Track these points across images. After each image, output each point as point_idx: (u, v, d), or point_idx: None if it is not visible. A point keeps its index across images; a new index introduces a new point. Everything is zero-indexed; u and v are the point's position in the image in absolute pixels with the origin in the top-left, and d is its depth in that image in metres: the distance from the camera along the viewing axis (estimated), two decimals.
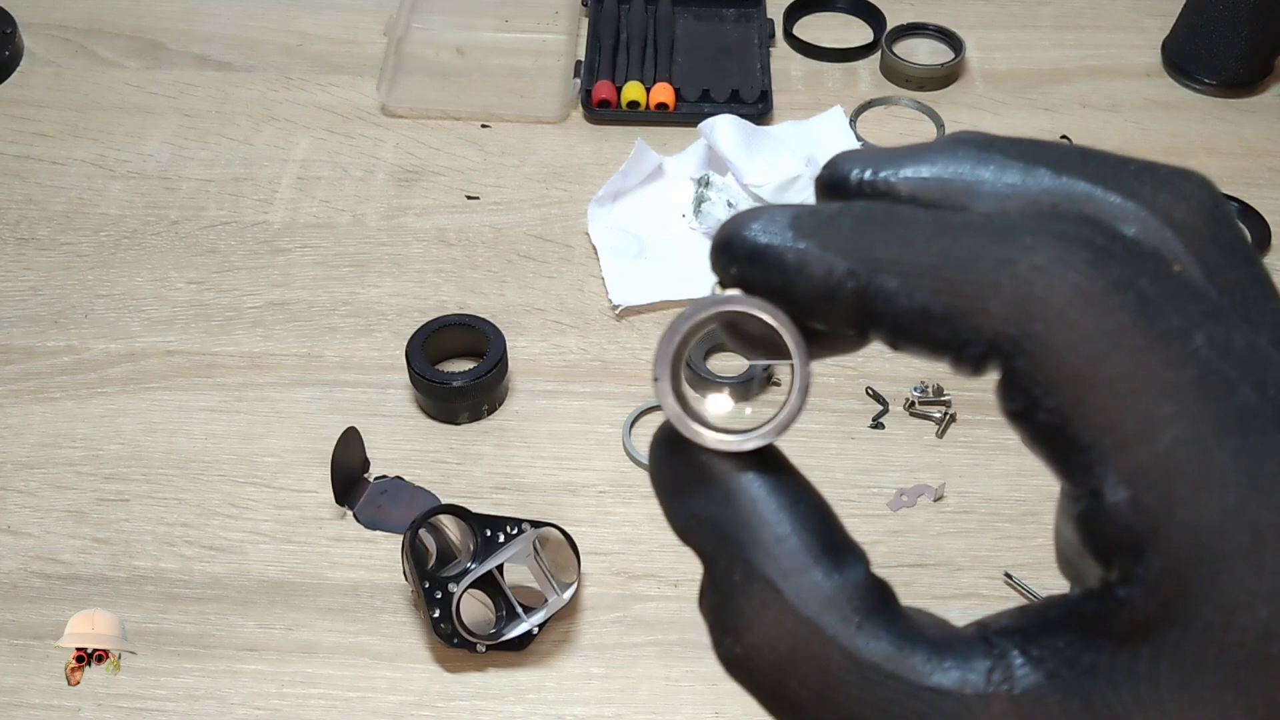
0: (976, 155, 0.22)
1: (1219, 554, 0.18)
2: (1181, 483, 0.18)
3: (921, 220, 0.20)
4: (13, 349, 0.68)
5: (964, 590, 0.58)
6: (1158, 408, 0.18)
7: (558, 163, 0.80)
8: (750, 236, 0.21)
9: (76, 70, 0.87)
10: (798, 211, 0.21)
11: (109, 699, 0.54)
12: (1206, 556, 0.18)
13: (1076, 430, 0.19)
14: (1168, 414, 0.18)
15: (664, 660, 0.55)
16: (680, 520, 0.22)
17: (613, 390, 0.66)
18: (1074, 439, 0.19)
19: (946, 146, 0.22)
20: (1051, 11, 0.92)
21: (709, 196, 0.73)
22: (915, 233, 0.20)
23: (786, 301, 0.21)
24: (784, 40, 0.89)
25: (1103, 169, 0.21)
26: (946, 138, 0.22)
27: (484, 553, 0.53)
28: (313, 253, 0.74)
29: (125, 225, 0.75)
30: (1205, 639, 0.18)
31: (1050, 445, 0.19)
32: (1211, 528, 0.18)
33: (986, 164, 0.22)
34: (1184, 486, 0.18)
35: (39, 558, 0.59)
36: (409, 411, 0.65)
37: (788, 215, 0.21)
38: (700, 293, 0.71)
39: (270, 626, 0.56)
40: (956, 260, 0.19)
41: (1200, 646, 0.18)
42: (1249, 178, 0.79)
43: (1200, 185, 0.22)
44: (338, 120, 0.83)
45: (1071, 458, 0.19)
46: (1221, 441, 0.18)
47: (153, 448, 0.63)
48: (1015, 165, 0.21)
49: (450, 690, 0.54)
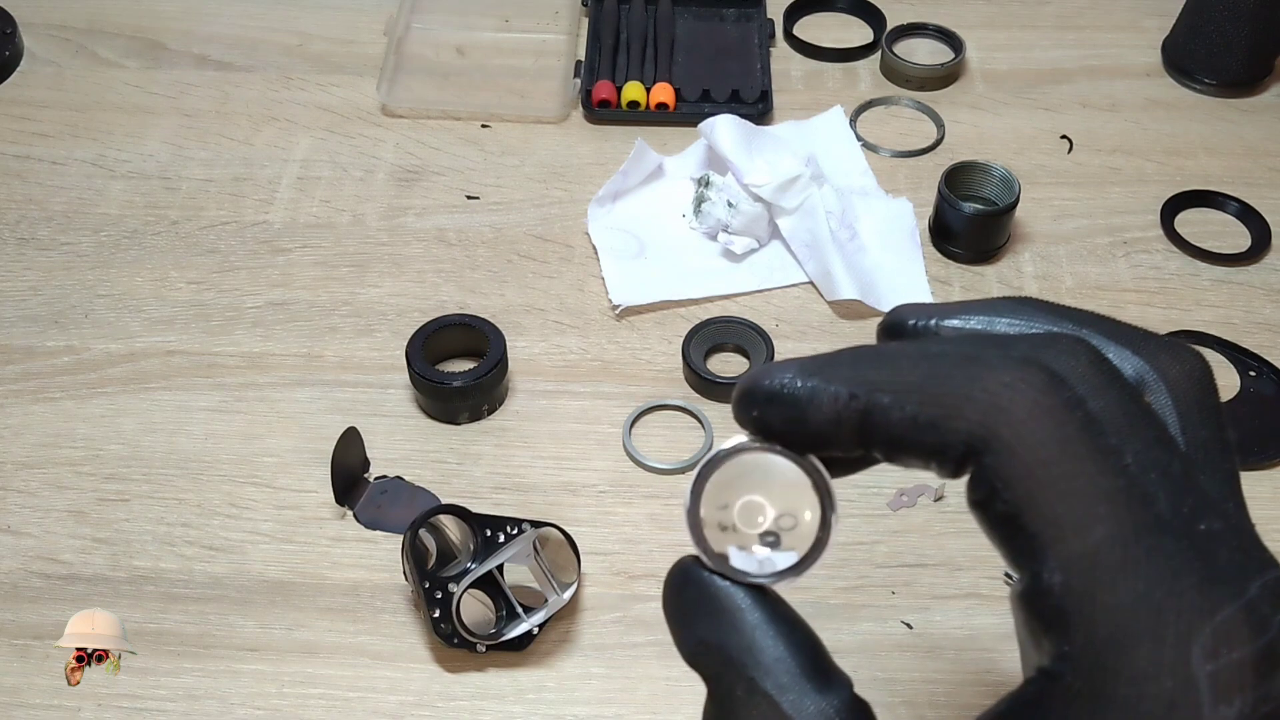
0: (1014, 306, 0.26)
1: (1130, 631, 0.21)
2: (1104, 571, 0.21)
3: (908, 350, 0.25)
4: (13, 349, 0.68)
5: (964, 590, 0.58)
6: (1092, 508, 0.22)
7: (558, 163, 0.80)
8: (766, 383, 0.25)
9: (76, 70, 0.87)
10: (802, 360, 0.25)
11: (109, 699, 0.54)
12: (1120, 634, 0.21)
13: (1026, 520, 0.22)
14: (1099, 514, 0.21)
15: (664, 660, 0.55)
16: (689, 645, 0.25)
17: (613, 390, 0.66)
18: (1023, 527, 0.22)
19: (991, 300, 0.26)
20: (1051, 11, 0.92)
21: (709, 196, 0.73)
22: (902, 360, 0.24)
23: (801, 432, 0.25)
24: (784, 40, 0.89)
25: (1118, 327, 0.26)
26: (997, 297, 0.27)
27: (484, 553, 0.54)
28: (313, 253, 0.74)
29: (125, 225, 0.75)
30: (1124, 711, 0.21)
31: (1003, 532, 0.23)
32: (1125, 609, 0.21)
33: (1018, 313, 0.26)
34: (1106, 574, 0.21)
35: (39, 558, 0.59)
36: (409, 411, 0.65)
37: (795, 364, 0.25)
38: (700, 293, 0.71)
39: (270, 626, 0.56)
40: (936, 379, 0.23)
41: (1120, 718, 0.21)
42: (1249, 178, 0.79)
43: (1196, 355, 0.25)
44: (338, 120, 0.83)
45: (1019, 543, 0.23)
46: (1139, 540, 0.21)
47: (153, 448, 0.63)
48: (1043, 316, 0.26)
49: (450, 690, 0.54)
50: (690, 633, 0.25)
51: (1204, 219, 0.76)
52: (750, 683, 0.24)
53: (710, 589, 0.25)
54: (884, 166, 0.80)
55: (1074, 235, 0.75)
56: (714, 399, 0.65)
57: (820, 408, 0.24)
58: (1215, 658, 0.20)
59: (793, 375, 0.25)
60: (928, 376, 0.23)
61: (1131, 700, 0.21)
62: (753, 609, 0.25)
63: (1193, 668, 0.20)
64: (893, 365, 0.24)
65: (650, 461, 0.62)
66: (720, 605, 0.25)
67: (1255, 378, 0.66)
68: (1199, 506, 0.22)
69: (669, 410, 0.65)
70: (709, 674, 0.25)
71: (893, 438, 0.24)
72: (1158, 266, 0.73)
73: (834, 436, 0.25)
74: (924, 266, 0.73)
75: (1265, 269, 0.73)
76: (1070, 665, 0.22)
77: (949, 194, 0.72)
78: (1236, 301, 0.71)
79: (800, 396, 0.25)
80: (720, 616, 0.25)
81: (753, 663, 0.24)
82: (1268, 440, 0.63)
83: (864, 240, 0.73)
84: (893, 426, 0.24)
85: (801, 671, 0.24)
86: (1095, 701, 0.21)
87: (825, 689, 0.24)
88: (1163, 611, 0.21)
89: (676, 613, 0.26)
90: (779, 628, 0.25)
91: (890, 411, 0.23)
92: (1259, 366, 0.67)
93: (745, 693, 0.24)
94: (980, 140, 0.81)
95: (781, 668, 0.24)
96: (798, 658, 0.24)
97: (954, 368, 0.23)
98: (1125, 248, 0.74)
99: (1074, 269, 0.73)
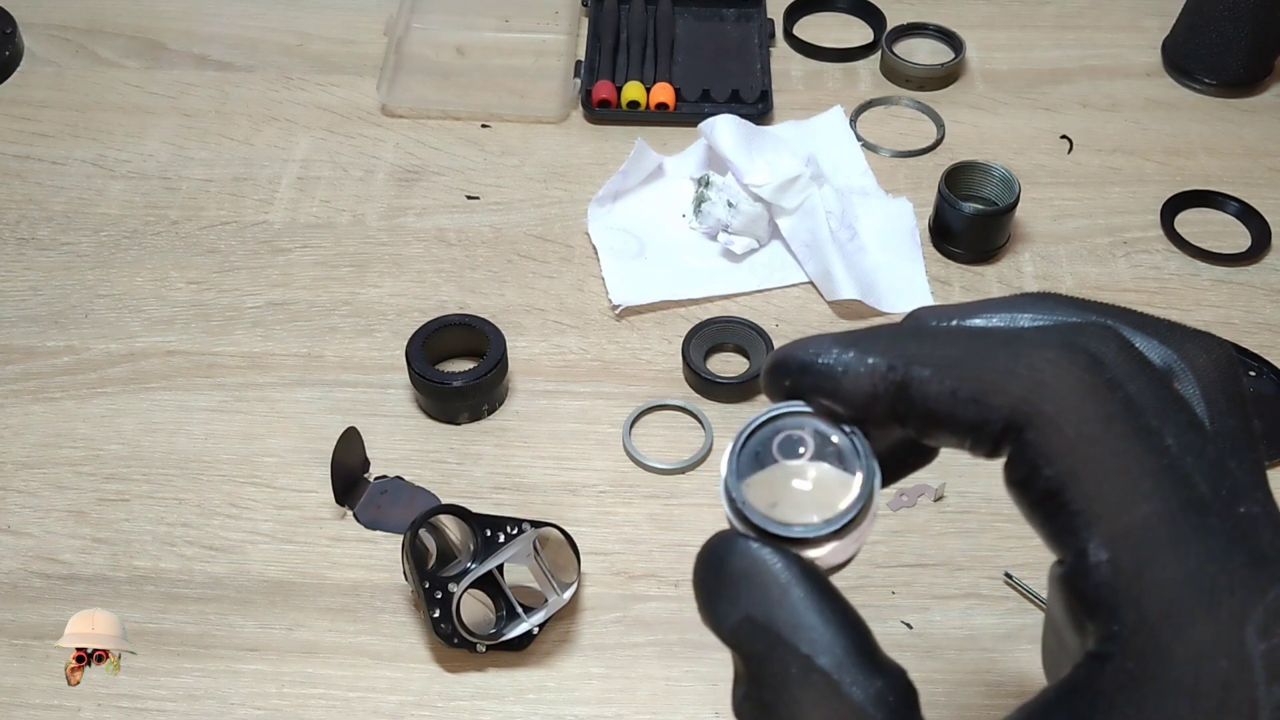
0: (1035, 301, 0.26)
1: (1183, 609, 0.20)
2: (1153, 547, 0.21)
3: (946, 329, 0.25)
4: (13, 349, 0.68)
5: (964, 590, 0.58)
6: (1138, 484, 0.21)
7: (558, 163, 0.80)
8: (801, 354, 0.25)
9: (76, 70, 0.87)
10: (836, 334, 0.25)
11: (109, 699, 0.54)
12: (1173, 611, 0.21)
13: (1069, 496, 0.22)
14: (1145, 490, 0.21)
15: (664, 660, 0.55)
16: (731, 622, 0.24)
17: (613, 390, 0.66)
18: (1065, 505, 0.22)
19: (1011, 298, 0.26)
20: (1052, 11, 0.92)
21: (709, 196, 0.73)
22: (941, 336, 0.24)
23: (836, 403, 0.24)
24: (784, 40, 0.89)
25: (1144, 318, 0.25)
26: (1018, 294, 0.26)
27: (484, 553, 0.53)
28: (313, 253, 0.74)
29: (125, 225, 0.75)
30: (1179, 692, 0.20)
31: (1045, 510, 0.23)
32: (1177, 586, 0.21)
33: (1040, 308, 0.26)
34: (1154, 550, 0.21)
35: (39, 558, 0.59)
36: (409, 411, 0.65)
37: (830, 336, 0.25)
38: (700, 293, 0.71)
39: (270, 626, 0.56)
40: (978, 354, 0.23)
41: (1177, 700, 0.20)
42: (1249, 178, 0.79)
43: (1222, 345, 0.25)
44: (338, 120, 0.83)
45: (1062, 521, 0.22)
46: (1186, 518, 0.21)
47: (153, 448, 0.63)
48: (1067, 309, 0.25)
49: (450, 690, 0.54)
50: (733, 608, 0.24)
51: (1204, 219, 0.76)
52: (806, 661, 0.23)
53: (758, 561, 0.24)
54: (884, 166, 0.80)
55: (1074, 235, 0.75)
56: (714, 399, 0.65)
57: (857, 378, 0.24)
58: (1269, 637, 0.20)
59: (828, 346, 0.24)
60: (969, 352, 0.23)
61: (1187, 681, 0.20)
62: (801, 583, 0.23)
63: (1247, 647, 0.20)
64: (933, 340, 0.24)
65: (650, 461, 0.62)
66: (768, 579, 0.24)
67: (1255, 378, 0.66)
68: (1236, 490, 0.22)
69: (669, 410, 0.65)
70: (753, 652, 0.23)
71: (930, 412, 0.23)
72: (1158, 266, 0.73)
73: (869, 409, 0.24)
74: (924, 266, 0.73)
75: (1265, 269, 0.73)
76: (1120, 646, 0.21)
77: (949, 194, 0.72)
78: (1236, 301, 0.71)
79: (836, 367, 0.24)
80: (768, 591, 0.23)
81: (805, 640, 0.23)
82: (1268, 440, 0.63)
83: (864, 240, 0.73)
84: (931, 400, 0.23)
85: (858, 650, 0.23)
86: (1149, 683, 0.21)
87: (879, 671, 0.23)
88: (1215, 589, 0.20)
89: (716, 587, 0.24)
90: (830, 604, 0.23)
91: (930, 384, 0.23)
92: (1259, 366, 0.67)
93: (801, 670, 0.23)
94: (980, 140, 0.81)
95: (837, 646, 0.23)
96: (852, 636, 0.23)
97: (996, 345, 0.23)
98: (1125, 248, 0.74)
99: (1074, 269, 0.73)
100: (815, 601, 0.23)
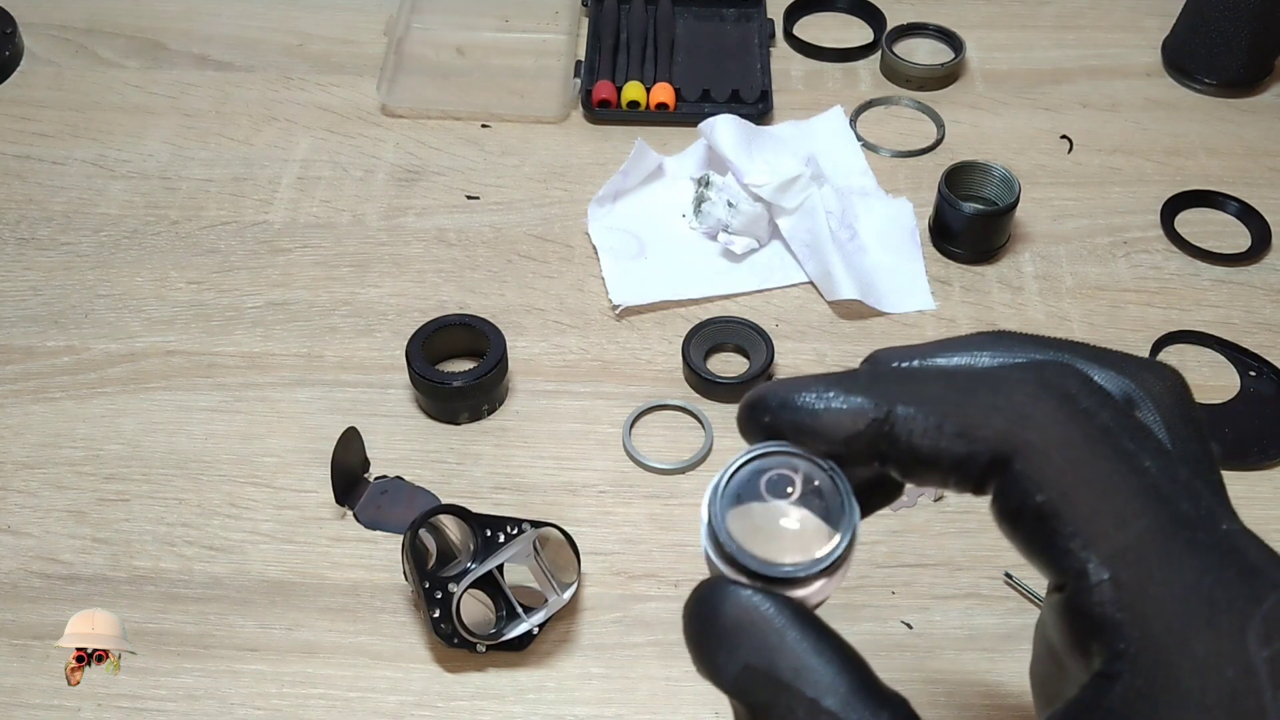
0: (992, 340, 0.27)
1: (1186, 622, 0.21)
2: (1150, 563, 0.21)
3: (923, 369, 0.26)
4: (13, 349, 0.68)
5: (964, 590, 0.58)
6: (1129, 503, 0.22)
7: (558, 163, 0.80)
8: (780, 391, 0.25)
9: (76, 70, 0.87)
10: (814, 375, 0.25)
11: (109, 699, 0.54)
12: (1176, 624, 0.21)
13: (1064, 520, 0.22)
14: (1136, 508, 0.22)
15: (664, 660, 0.55)
16: (730, 672, 0.24)
17: (613, 390, 0.66)
18: (1060, 528, 0.22)
19: (968, 337, 0.27)
20: (1051, 11, 0.92)
21: (709, 196, 0.73)
22: (917, 375, 0.25)
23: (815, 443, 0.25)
24: (784, 40, 0.89)
25: (1098, 351, 0.26)
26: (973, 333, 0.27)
27: (484, 553, 0.53)
28: (313, 253, 0.74)
29: (125, 225, 0.75)
30: (1189, 704, 0.21)
31: (1040, 537, 0.23)
32: (1177, 600, 0.21)
33: (997, 346, 0.26)
34: (1153, 566, 0.21)
35: (39, 558, 0.59)
36: (409, 411, 0.65)
37: (807, 377, 0.25)
38: (700, 293, 0.71)
39: (270, 626, 0.56)
40: (959, 391, 0.24)
41: (1187, 712, 0.21)
42: (1249, 178, 0.79)
43: (1175, 373, 0.26)
44: (338, 120, 0.83)
45: (1059, 544, 0.23)
46: (1177, 534, 0.22)
47: (153, 448, 0.63)
48: (1024, 346, 0.26)
49: (450, 690, 0.54)
50: (731, 658, 0.24)
51: (1204, 219, 0.76)
52: (812, 704, 0.23)
53: (751, 608, 0.24)
54: (884, 166, 0.80)
55: (1074, 235, 0.75)
56: (714, 399, 0.65)
57: (839, 416, 0.24)
58: (1270, 643, 0.20)
59: (806, 385, 0.25)
60: (949, 389, 0.24)
61: (1195, 692, 0.21)
62: (796, 626, 0.24)
63: (1251, 655, 0.20)
64: (910, 380, 0.25)
65: (650, 461, 0.62)
66: (764, 626, 0.24)
67: (1255, 378, 0.66)
68: (1213, 509, 0.22)
69: (669, 410, 0.65)
70: (758, 700, 0.24)
71: (915, 448, 0.24)
72: (1158, 266, 0.73)
73: (849, 446, 0.24)
74: (924, 266, 0.73)
75: (1265, 269, 0.73)
76: (1128, 664, 0.21)
77: (949, 194, 0.72)
78: (1236, 301, 0.71)
79: (817, 404, 0.24)
80: (766, 638, 0.24)
81: (809, 684, 0.23)
82: (1268, 440, 0.63)
83: (864, 240, 0.73)
84: (916, 436, 0.24)
85: (862, 688, 0.23)
86: (1158, 697, 0.21)
87: (884, 704, 0.23)
88: (1214, 601, 0.21)
89: (711, 639, 0.24)
90: (827, 644, 0.24)
91: (914, 421, 0.24)
92: (1259, 366, 0.67)
93: (808, 713, 0.23)
94: (980, 140, 0.81)
95: (841, 684, 0.23)
96: (852, 674, 0.23)
97: (975, 382, 0.24)
98: (1125, 248, 0.74)
99: (1074, 269, 0.73)
100: (813, 643, 0.24)
